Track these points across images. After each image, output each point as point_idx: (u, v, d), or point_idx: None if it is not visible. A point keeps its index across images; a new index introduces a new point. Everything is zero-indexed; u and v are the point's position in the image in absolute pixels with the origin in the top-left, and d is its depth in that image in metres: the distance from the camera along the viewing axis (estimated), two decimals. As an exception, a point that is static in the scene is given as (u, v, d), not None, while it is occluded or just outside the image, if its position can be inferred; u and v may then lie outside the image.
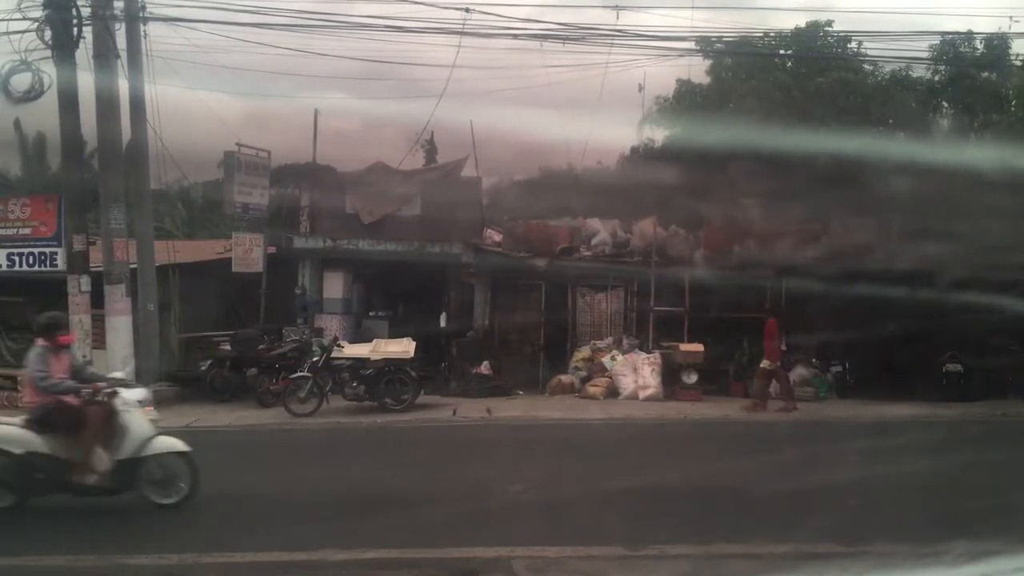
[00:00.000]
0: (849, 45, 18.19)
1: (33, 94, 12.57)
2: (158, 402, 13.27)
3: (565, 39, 14.42)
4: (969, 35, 17.43)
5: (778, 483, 7.28)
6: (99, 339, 13.21)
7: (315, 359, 12.80)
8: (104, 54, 12.89)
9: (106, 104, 13.03)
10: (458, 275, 16.22)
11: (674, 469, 8.60)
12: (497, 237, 17.67)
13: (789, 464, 8.35)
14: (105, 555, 5.98)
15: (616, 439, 11.38)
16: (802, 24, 18.02)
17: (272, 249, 16.06)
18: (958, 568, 2.87)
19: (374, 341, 13.59)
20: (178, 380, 14.05)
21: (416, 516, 6.73)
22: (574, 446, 10.67)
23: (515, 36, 14.23)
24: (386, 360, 12.80)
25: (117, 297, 13.16)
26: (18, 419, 7.16)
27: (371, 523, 6.56)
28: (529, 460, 9.48)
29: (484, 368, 14.99)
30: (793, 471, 7.84)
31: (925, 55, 16.95)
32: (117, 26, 13.17)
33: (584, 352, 15.29)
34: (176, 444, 7.14)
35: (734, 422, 12.51)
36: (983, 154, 15.48)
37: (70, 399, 6.98)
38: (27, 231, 14.56)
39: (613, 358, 14.64)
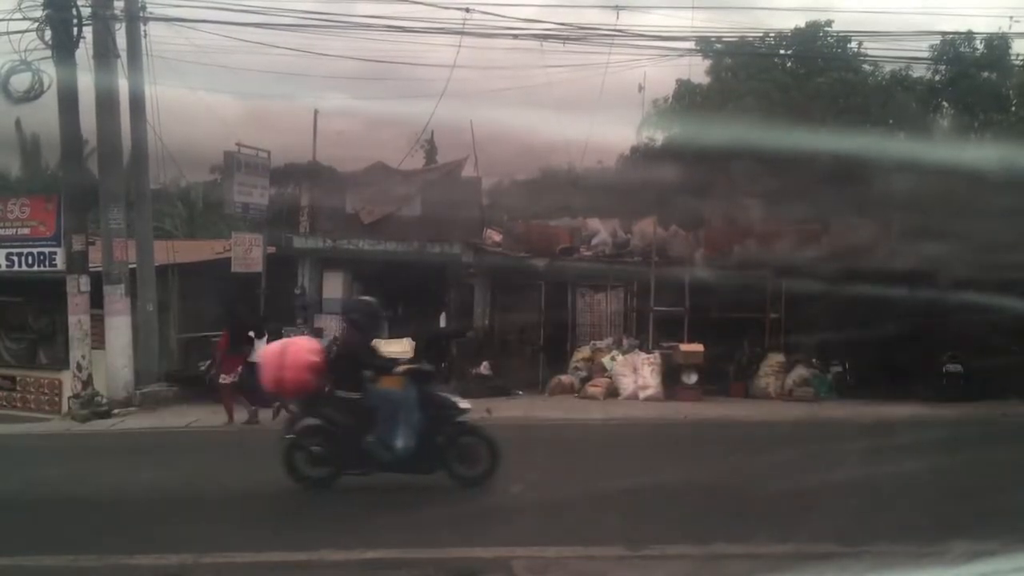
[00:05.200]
0: (849, 45, 18.23)
1: (33, 94, 12.57)
2: (157, 402, 13.39)
3: (565, 39, 14.45)
4: (969, 35, 17.46)
5: (778, 483, 7.25)
6: (98, 339, 13.21)
7: (315, 359, 12.74)
8: (104, 54, 12.90)
9: (106, 104, 13.03)
10: (458, 275, 16.21)
11: (674, 469, 8.58)
12: (497, 237, 17.65)
13: (789, 464, 8.32)
14: (105, 555, 5.97)
15: (616, 439, 11.38)
16: (802, 24, 18.05)
17: (272, 249, 16.03)
18: (958, 568, 2.86)
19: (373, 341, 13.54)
20: (177, 380, 14.04)
21: (416, 516, 6.73)
22: (574, 446, 10.67)
23: (515, 36, 14.25)
24: (386, 360, 12.75)
25: (116, 297, 13.17)
26: None
27: (371, 523, 6.56)
28: (529, 460, 9.42)
29: (484, 368, 14.97)
30: (793, 471, 7.82)
31: (925, 55, 17.00)
32: (117, 26, 13.19)
33: (584, 352, 15.27)
34: None
35: (734, 422, 12.50)
36: (984, 154, 15.47)
37: None
38: (26, 231, 14.52)
39: (613, 358, 14.63)
